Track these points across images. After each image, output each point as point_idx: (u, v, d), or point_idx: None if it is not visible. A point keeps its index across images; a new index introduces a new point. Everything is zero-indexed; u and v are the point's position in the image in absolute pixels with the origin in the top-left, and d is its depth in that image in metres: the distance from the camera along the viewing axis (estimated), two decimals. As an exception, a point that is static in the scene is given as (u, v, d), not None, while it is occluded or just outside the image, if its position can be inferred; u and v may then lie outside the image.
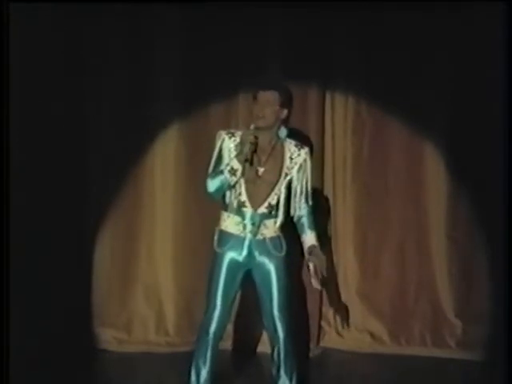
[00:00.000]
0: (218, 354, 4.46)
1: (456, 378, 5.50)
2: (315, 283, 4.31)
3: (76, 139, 5.73)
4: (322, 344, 6.03)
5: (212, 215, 5.86)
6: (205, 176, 5.76)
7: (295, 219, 4.50)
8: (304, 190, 4.46)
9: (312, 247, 4.40)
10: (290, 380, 4.47)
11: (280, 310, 4.40)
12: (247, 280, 4.49)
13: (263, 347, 5.63)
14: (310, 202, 4.48)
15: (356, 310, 6.05)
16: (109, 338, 5.90)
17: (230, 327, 5.60)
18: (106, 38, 5.71)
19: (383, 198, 6.01)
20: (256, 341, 5.84)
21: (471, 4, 5.43)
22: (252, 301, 4.70)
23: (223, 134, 4.41)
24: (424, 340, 5.97)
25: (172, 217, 5.95)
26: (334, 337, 6.07)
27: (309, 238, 4.44)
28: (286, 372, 4.45)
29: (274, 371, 4.50)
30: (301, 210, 4.47)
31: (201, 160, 5.83)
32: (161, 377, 5.41)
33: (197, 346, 4.46)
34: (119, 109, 5.80)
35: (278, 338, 4.42)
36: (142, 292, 5.96)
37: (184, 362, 5.47)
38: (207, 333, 4.39)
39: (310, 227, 4.47)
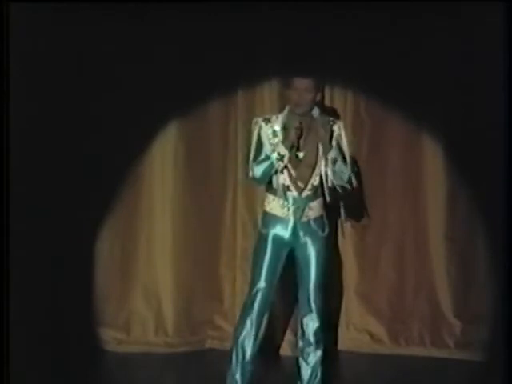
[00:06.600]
0: (263, 331, 4.49)
1: (455, 378, 5.49)
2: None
3: (75, 138, 5.71)
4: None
5: (211, 215, 5.96)
6: (204, 176, 5.91)
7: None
8: (339, 153, 4.45)
9: None
10: (316, 349, 4.52)
11: (317, 286, 4.47)
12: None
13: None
14: (349, 165, 4.48)
15: (355, 310, 6.05)
16: (108, 338, 5.89)
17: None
18: (105, 38, 5.69)
19: (382, 198, 6.01)
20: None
21: (471, 4, 5.43)
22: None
23: (260, 121, 4.47)
24: (423, 340, 5.96)
25: (171, 217, 5.94)
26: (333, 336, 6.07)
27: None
28: (316, 341, 4.51)
29: (302, 343, 4.54)
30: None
31: (200, 159, 5.91)
32: (160, 377, 5.40)
33: (240, 323, 4.49)
34: (118, 107, 5.78)
35: (311, 309, 4.47)
36: (141, 292, 5.95)
37: (183, 362, 5.51)
38: (252, 307, 4.43)
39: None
